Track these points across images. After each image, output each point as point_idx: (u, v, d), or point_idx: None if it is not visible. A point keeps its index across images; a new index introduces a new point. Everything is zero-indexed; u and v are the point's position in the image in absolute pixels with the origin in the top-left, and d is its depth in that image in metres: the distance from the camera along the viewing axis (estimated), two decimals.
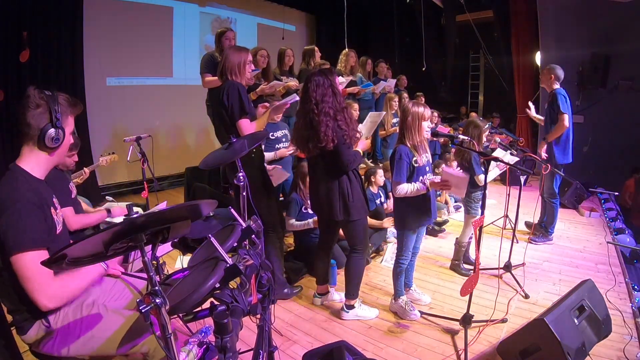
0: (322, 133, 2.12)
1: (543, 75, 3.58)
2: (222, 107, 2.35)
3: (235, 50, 2.41)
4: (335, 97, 2.17)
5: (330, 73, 2.22)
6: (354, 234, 2.37)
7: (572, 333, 1.84)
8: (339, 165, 2.20)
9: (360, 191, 2.32)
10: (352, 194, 2.25)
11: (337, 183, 2.25)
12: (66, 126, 1.32)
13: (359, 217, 2.31)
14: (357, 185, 2.29)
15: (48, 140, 1.27)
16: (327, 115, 2.13)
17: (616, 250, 3.36)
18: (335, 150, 2.16)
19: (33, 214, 1.22)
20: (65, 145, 1.34)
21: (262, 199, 2.43)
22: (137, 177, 4.75)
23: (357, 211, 2.28)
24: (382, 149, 5.23)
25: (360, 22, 7.45)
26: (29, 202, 1.22)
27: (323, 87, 2.15)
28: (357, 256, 2.40)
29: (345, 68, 4.64)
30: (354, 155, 2.22)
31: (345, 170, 2.23)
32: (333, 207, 2.26)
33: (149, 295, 0.90)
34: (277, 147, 3.25)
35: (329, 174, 2.26)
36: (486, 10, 7.15)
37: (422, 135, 2.30)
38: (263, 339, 1.34)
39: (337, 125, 2.14)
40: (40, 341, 1.32)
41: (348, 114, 2.22)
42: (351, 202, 2.25)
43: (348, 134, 2.17)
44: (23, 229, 1.18)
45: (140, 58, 5.04)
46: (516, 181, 3.42)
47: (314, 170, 2.40)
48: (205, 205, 1.07)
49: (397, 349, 2.19)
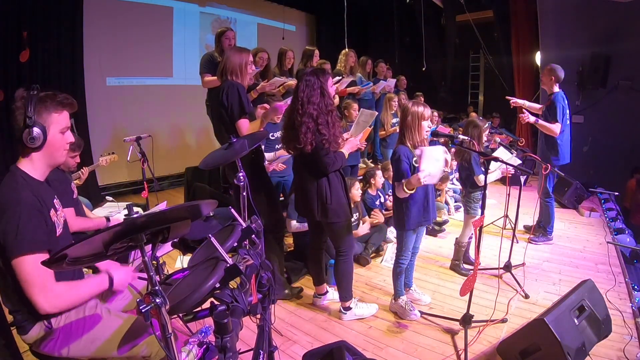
0: (302, 135, 2.11)
1: (544, 76, 3.57)
2: (222, 107, 2.35)
3: (236, 51, 2.41)
4: (323, 98, 2.14)
5: (323, 73, 2.19)
6: (336, 236, 2.36)
7: (572, 333, 1.84)
8: (318, 168, 2.19)
9: (342, 194, 2.29)
10: (331, 197, 2.23)
11: (316, 184, 2.23)
12: (51, 123, 1.27)
13: (338, 219, 2.28)
14: (338, 188, 2.27)
15: (26, 140, 1.23)
16: (310, 117, 2.11)
17: (616, 250, 3.36)
18: (313, 153, 2.15)
19: (33, 217, 1.21)
20: (52, 142, 1.29)
21: (260, 199, 2.42)
22: (137, 177, 4.75)
23: (335, 214, 2.26)
24: (381, 149, 5.23)
25: (360, 22, 7.45)
26: (28, 206, 1.21)
27: (311, 87, 2.13)
28: (342, 259, 2.39)
29: (345, 68, 4.64)
30: (333, 158, 2.19)
31: (325, 173, 2.21)
32: (311, 208, 2.26)
33: (149, 295, 0.90)
34: (277, 147, 3.25)
35: (310, 174, 2.25)
36: (486, 10, 7.16)
37: (423, 134, 2.30)
38: (263, 339, 1.34)
39: (317, 129, 2.12)
40: (40, 341, 1.32)
41: (333, 117, 2.18)
42: (329, 205, 2.23)
43: (327, 139, 2.13)
44: (23, 233, 1.18)
45: (140, 58, 5.03)
46: (516, 181, 3.42)
47: (296, 170, 2.41)
48: (205, 205, 1.07)
49: (397, 349, 2.19)
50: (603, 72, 5.39)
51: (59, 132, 1.31)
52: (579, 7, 5.49)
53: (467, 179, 2.95)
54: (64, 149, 1.35)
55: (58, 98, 1.30)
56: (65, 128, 1.33)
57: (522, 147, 4.56)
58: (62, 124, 1.31)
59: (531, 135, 6.69)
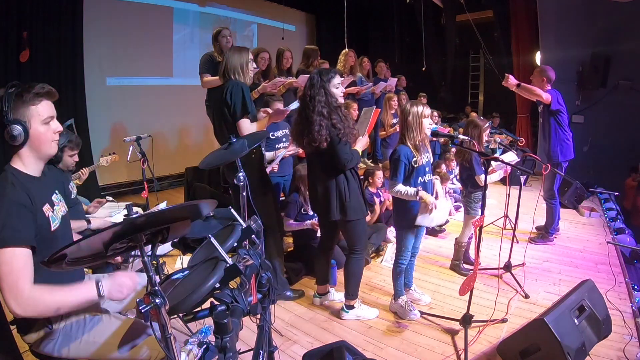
0: (316, 132, 2.12)
1: (535, 77, 3.55)
2: (225, 105, 2.34)
3: (236, 51, 2.42)
4: (327, 97, 2.16)
5: (326, 73, 2.21)
6: (352, 234, 2.36)
7: (572, 333, 1.84)
8: (335, 164, 2.20)
9: (359, 192, 2.30)
10: (350, 194, 2.24)
11: (335, 182, 2.23)
12: (30, 117, 1.23)
13: (356, 217, 2.29)
14: (355, 186, 2.28)
15: (8, 139, 1.21)
16: (321, 115, 2.13)
17: (616, 250, 3.36)
18: (331, 148, 2.15)
19: (14, 212, 1.18)
20: (36, 136, 1.25)
21: (260, 199, 2.42)
22: (137, 177, 4.76)
23: (354, 212, 2.26)
24: (382, 149, 5.23)
25: (360, 22, 7.44)
26: (12, 201, 1.18)
27: (316, 86, 2.17)
28: (356, 257, 2.40)
29: (344, 68, 4.64)
30: (351, 154, 2.21)
31: (342, 169, 2.22)
32: (330, 207, 2.25)
33: (149, 295, 0.90)
34: (277, 147, 3.25)
35: (326, 173, 2.25)
36: (486, 10, 7.15)
37: (424, 133, 2.30)
38: (263, 339, 1.34)
39: (331, 124, 2.14)
40: (41, 341, 1.32)
41: (343, 112, 2.21)
42: (348, 202, 2.24)
43: (343, 132, 2.15)
44: (2, 226, 1.14)
45: (140, 58, 5.04)
46: (516, 181, 3.42)
47: (311, 169, 2.40)
48: (205, 205, 1.07)
49: (397, 349, 2.19)
50: (603, 72, 5.39)
51: (41, 124, 1.26)
52: (579, 7, 5.49)
53: (467, 179, 2.94)
54: (51, 139, 1.30)
55: (34, 90, 1.25)
56: (48, 118, 1.28)
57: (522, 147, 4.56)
58: (44, 115, 1.26)
59: (531, 135, 6.69)
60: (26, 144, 1.25)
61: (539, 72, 3.50)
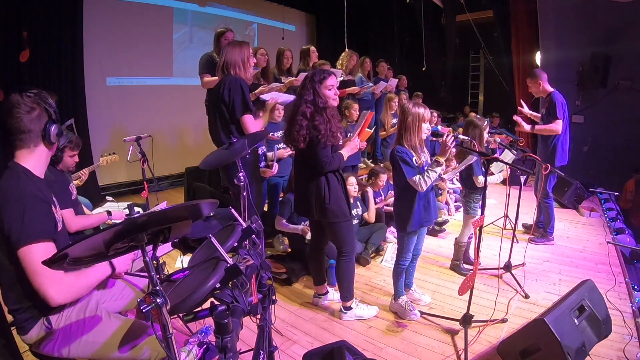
0: (295, 132, 2.13)
1: (532, 85, 3.55)
2: (222, 102, 2.30)
3: (236, 45, 2.37)
4: (314, 97, 2.14)
5: (319, 74, 2.19)
6: (337, 236, 2.35)
7: (572, 333, 1.84)
8: (315, 166, 2.18)
9: (341, 195, 2.27)
10: (329, 197, 2.21)
11: (315, 183, 2.22)
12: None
13: (337, 220, 2.27)
14: (337, 189, 2.25)
15: (53, 137, 1.30)
16: (303, 115, 2.13)
17: (616, 250, 3.36)
18: (309, 149, 2.15)
19: (38, 208, 1.22)
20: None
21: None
22: (137, 177, 4.76)
23: (333, 214, 2.24)
24: (382, 149, 5.23)
25: (360, 22, 7.44)
26: (33, 197, 1.22)
27: (305, 86, 2.16)
28: (344, 259, 2.38)
29: (345, 68, 4.64)
30: (331, 158, 2.17)
31: (321, 172, 2.19)
32: (310, 207, 2.25)
33: (150, 294, 0.90)
34: (276, 147, 3.25)
35: (308, 172, 2.25)
36: (486, 10, 7.16)
37: (421, 136, 2.28)
38: (263, 339, 1.34)
39: (312, 125, 2.12)
40: (41, 341, 1.32)
41: (330, 114, 2.17)
42: (327, 205, 2.22)
43: (324, 134, 2.11)
44: (28, 222, 1.18)
45: (140, 58, 5.04)
46: (516, 181, 3.42)
47: (296, 168, 2.41)
48: (205, 205, 1.07)
49: (397, 349, 2.19)
50: (603, 72, 5.39)
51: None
52: (579, 7, 5.49)
53: (467, 179, 2.94)
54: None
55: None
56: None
57: (522, 147, 4.56)
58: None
59: (531, 135, 6.67)
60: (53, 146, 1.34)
61: (532, 81, 3.53)
